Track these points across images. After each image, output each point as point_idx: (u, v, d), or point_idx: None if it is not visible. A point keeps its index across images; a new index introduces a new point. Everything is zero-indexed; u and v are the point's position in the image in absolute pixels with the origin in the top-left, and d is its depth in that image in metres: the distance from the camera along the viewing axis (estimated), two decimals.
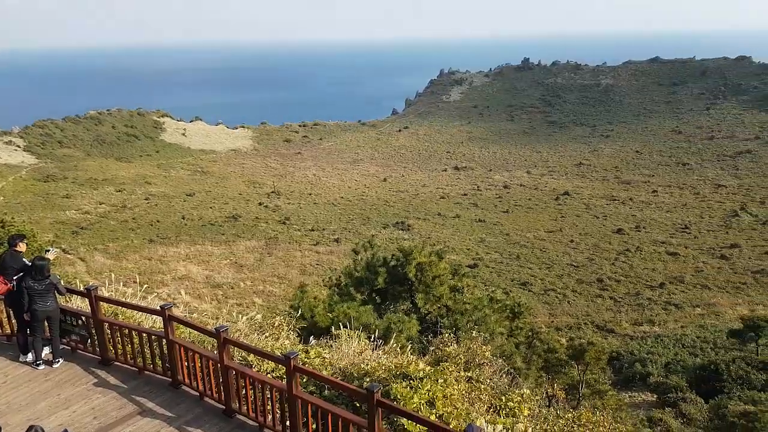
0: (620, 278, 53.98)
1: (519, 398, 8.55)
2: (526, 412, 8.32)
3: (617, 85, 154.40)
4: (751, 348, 36.57)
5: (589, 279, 53.84)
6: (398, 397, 7.43)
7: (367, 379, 8.09)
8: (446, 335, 11.14)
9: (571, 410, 10.22)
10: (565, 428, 8.79)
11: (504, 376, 10.59)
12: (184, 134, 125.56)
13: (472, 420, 7.32)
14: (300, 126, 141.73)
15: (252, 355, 8.65)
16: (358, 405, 7.61)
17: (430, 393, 7.56)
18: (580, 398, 21.83)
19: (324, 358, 9.02)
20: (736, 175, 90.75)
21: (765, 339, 36.27)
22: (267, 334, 10.68)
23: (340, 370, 8.81)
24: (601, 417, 9.55)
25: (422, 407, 7.37)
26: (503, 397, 8.63)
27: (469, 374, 9.25)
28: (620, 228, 68.70)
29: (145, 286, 14.39)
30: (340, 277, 19.10)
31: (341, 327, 10.49)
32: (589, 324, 44.36)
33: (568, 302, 48.90)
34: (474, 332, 12.54)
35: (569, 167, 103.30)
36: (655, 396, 32.71)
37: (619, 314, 46.34)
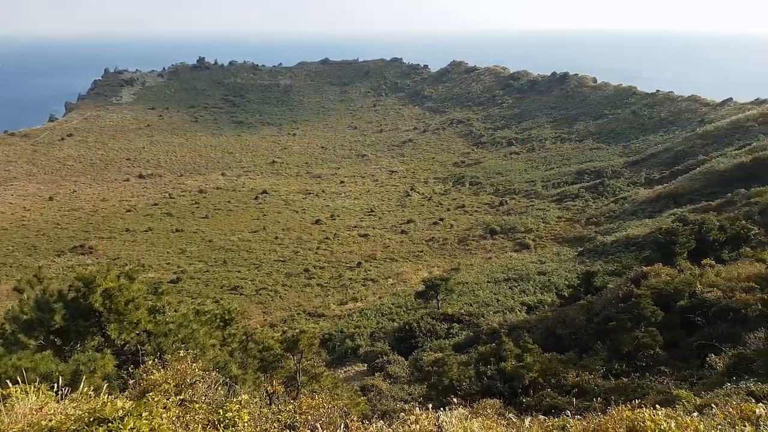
0: (324, 265, 57.78)
1: (237, 406, 8.17)
2: (246, 418, 8.02)
3: (295, 85, 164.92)
4: (434, 304, 43.34)
5: (297, 271, 56.11)
6: None
7: None
8: (150, 362, 9.84)
9: (292, 401, 10.24)
10: (288, 420, 8.85)
11: (220, 388, 10.01)
12: None
13: None
14: None
15: None
16: None
17: (134, 431, 6.45)
18: (299, 387, 22.31)
19: None
20: (403, 161, 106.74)
21: (442, 294, 43.40)
22: None
23: None
24: (320, 399, 9.88)
25: None
26: (221, 410, 8.15)
27: (181, 397, 8.44)
28: (318, 219, 73.65)
29: None
30: (3, 324, 15.21)
31: (11, 384, 8.21)
32: (302, 313, 46.21)
33: (280, 297, 50.04)
34: (182, 351, 11.42)
35: (263, 166, 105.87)
36: (366, 365, 35.77)
37: (327, 298, 49.51)
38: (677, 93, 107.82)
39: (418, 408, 9.78)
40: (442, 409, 10.86)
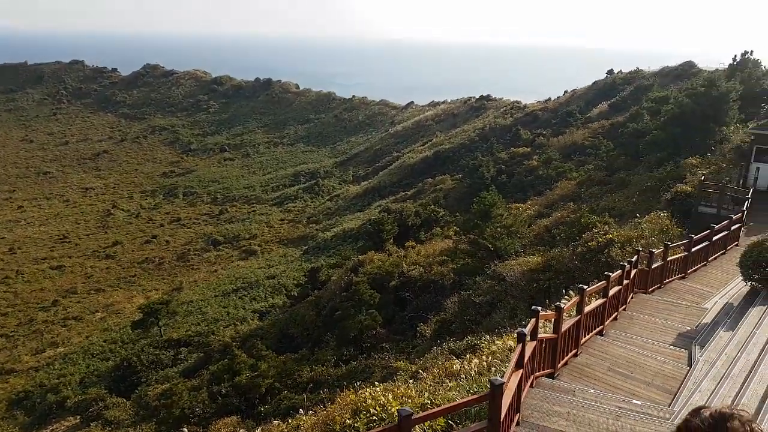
0: (7, 310, 47.14)
1: None
2: None
3: None
4: (155, 332, 39.16)
5: None
6: None
7: None
8: None
9: None
10: None
11: None
12: None
13: None
14: None
15: None
16: None
17: None
18: None
19: None
20: (99, 176, 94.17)
21: (164, 319, 39.51)
22: None
23: None
24: None
25: None
26: None
27: None
28: None
29: None
30: None
31: None
32: None
33: None
34: None
35: None
36: (78, 417, 30.82)
37: (16, 349, 40.69)
38: (370, 98, 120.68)
39: None
40: None
